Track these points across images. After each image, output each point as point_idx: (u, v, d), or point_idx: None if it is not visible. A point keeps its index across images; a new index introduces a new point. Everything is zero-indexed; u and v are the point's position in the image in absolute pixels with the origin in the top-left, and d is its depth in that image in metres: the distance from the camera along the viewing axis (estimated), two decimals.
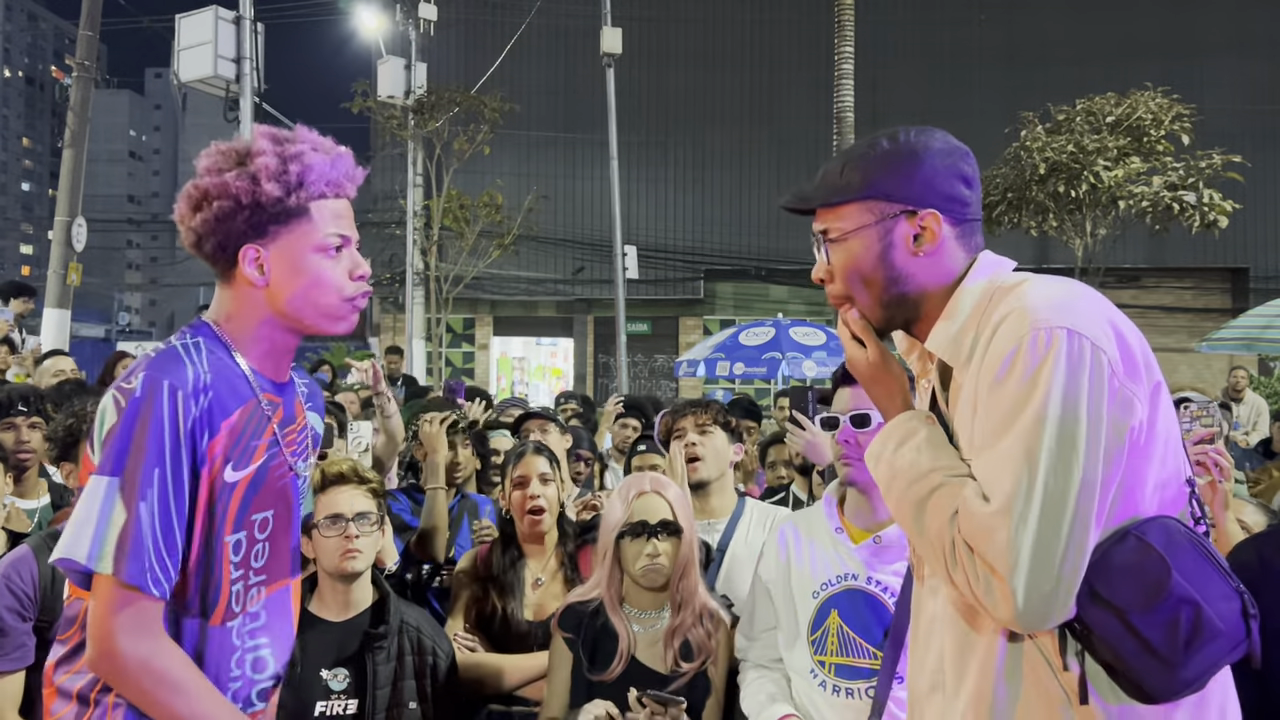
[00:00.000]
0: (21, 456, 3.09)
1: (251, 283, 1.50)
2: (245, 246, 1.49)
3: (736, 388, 16.26)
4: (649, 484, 2.40)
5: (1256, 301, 12.45)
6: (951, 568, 1.27)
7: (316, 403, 1.74)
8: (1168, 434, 1.30)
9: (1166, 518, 1.27)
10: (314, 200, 1.50)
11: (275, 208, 1.47)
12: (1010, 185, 12.35)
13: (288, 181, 1.47)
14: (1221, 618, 1.21)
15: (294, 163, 1.48)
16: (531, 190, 16.71)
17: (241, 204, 1.46)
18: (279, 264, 1.50)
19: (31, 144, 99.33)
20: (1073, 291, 1.31)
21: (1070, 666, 1.26)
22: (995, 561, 1.21)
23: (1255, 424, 8.81)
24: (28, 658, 2.24)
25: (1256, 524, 2.47)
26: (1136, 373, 1.26)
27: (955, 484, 1.30)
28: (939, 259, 1.39)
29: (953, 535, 1.27)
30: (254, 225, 1.48)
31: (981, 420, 1.29)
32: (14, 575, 2.25)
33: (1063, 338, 1.22)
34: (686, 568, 2.35)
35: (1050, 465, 1.20)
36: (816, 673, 2.16)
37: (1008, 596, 1.20)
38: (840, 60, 12.31)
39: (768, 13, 19.56)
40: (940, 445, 1.37)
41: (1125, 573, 1.22)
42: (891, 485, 1.39)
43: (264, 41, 12.38)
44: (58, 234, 11.76)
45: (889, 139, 1.42)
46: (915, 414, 1.43)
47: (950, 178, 1.39)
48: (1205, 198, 11.64)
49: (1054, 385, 1.21)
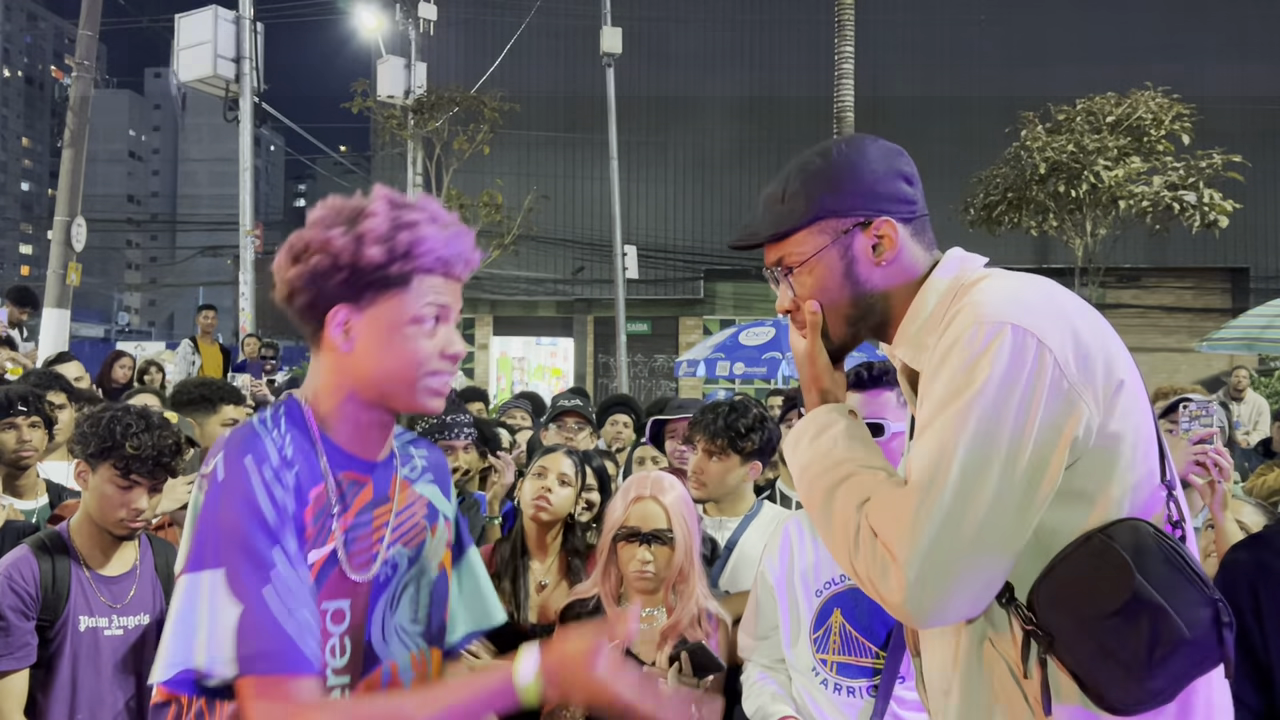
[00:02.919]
0: (23, 456, 3.09)
1: (336, 348, 1.39)
2: (335, 308, 1.38)
3: (736, 387, 16.26)
4: (648, 488, 2.39)
5: (1256, 301, 12.48)
6: (854, 555, 1.23)
7: (440, 477, 1.59)
8: (1135, 435, 1.24)
9: (1137, 520, 1.21)
10: (419, 274, 1.38)
11: (374, 274, 1.36)
12: (1010, 185, 12.36)
13: (394, 248, 1.35)
14: (1190, 626, 1.15)
15: (405, 231, 1.36)
16: (531, 190, 16.71)
17: (339, 264, 1.35)
18: (367, 332, 1.38)
19: (31, 144, 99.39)
20: (1030, 287, 1.28)
21: (1032, 673, 1.22)
22: (894, 545, 1.18)
23: (1256, 424, 8.81)
24: (31, 656, 2.25)
25: (1255, 524, 2.46)
26: (1091, 372, 1.21)
27: (867, 474, 1.28)
28: (901, 263, 1.37)
29: (859, 521, 1.23)
30: (349, 288, 1.37)
31: (920, 410, 1.27)
32: (16, 575, 2.26)
33: (1007, 333, 1.19)
34: (682, 572, 2.35)
35: (968, 457, 1.17)
36: (819, 670, 2.17)
37: (900, 583, 1.17)
38: (840, 60, 12.32)
39: (768, 13, 19.56)
40: (858, 439, 1.35)
41: (1087, 576, 1.18)
42: (804, 474, 1.37)
43: (264, 41, 12.40)
44: (57, 234, 11.75)
45: (821, 156, 1.40)
46: (836, 407, 1.41)
47: (892, 179, 1.37)
48: (1205, 197, 11.65)
49: (989, 379, 1.18)
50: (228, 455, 1.32)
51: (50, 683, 2.27)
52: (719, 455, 2.73)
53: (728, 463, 2.74)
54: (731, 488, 2.81)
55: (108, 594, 2.35)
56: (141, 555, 2.45)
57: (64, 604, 2.28)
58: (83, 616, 2.30)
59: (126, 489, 2.29)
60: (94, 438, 2.30)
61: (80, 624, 2.30)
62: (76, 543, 2.36)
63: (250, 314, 12.01)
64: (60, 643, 2.27)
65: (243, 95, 11.91)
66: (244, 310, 12.01)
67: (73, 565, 2.33)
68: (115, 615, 2.35)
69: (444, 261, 1.39)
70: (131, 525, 2.33)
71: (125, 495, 2.29)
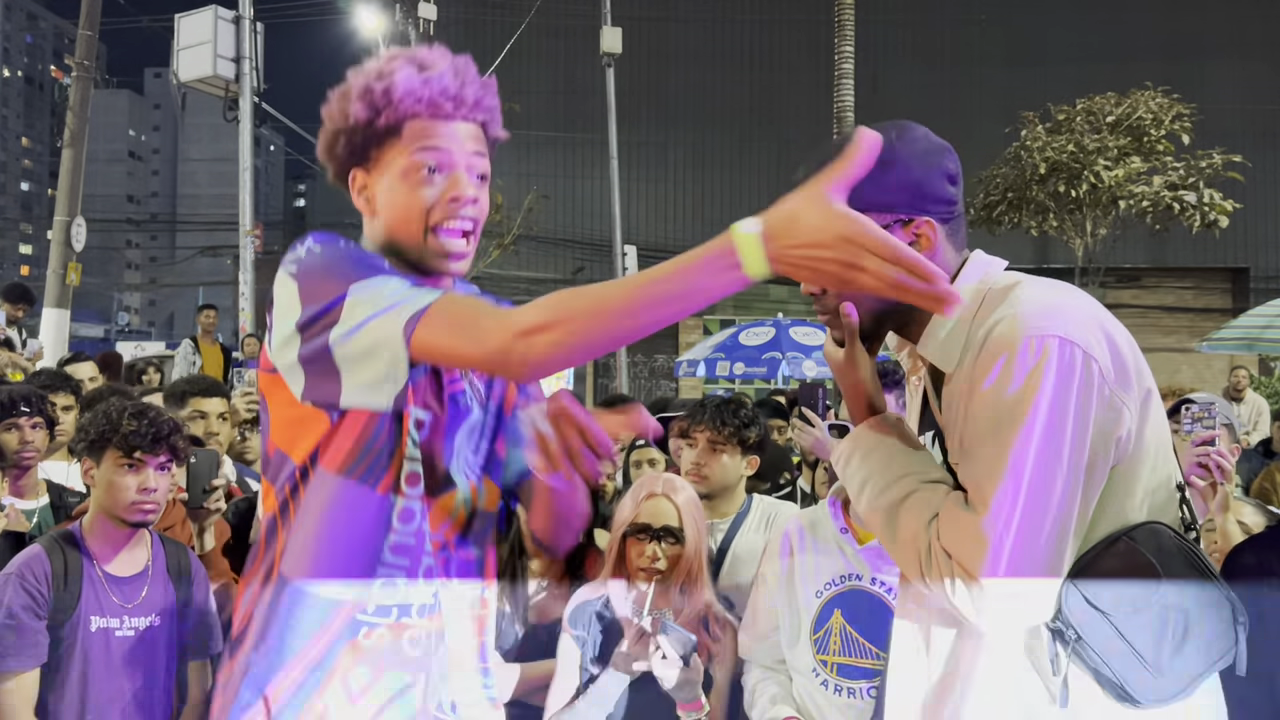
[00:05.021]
0: (25, 457, 3.09)
1: (363, 212, 1.40)
2: (352, 171, 1.39)
3: (737, 387, 16.26)
4: (660, 486, 2.39)
5: (1256, 301, 12.46)
6: (927, 572, 1.26)
7: None
8: (1158, 440, 1.29)
9: (1157, 523, 1.26)
10: (407, 119, 1.35)
11: (366, 130, 1.35)
12: (1010, 185, 12.38)
13: (374, 100, 1.34)
14: (1209, 624, 1.22)
15: (381, 80, 1.35)
16: (531, 190, 16.71)
17: (337, 128, 1.37)
18: (378, 190, 1.38)
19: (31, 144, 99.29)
20: (1065, 297, 1.30)
21: (1056, 670, 1.26)
22: (972, 566, 1.20)
23: (1256, 424, 8.82)
24: (42, 656, 2.25)
25: (1256, 524, 2.46)
26: (1128, 380, 1.25)
27: (929, 489, 1.30)
28: (935, 262, 1.34)
29: (929, 540, 1.25)
30: (353, 149, 1.37)
31: (970, 425, 1.27)
32: (28, 574, 2.26)
33: (1054, 346, 1.21)
34: (691, 572, 2.35)
35: (1035, 476, 1.19)
36: (819, 671, 2.17)
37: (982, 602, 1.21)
38: (840, 60, 12.32)
39: (768, 13, 19.56)
40: (910, 451, 1.36)
41: (1115, 578, 1.23)
42: (863, 490, 1.38)
43: (263, 41, 12.38)
44: (57, 234, 11.76)
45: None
46: (884, 418, 1.42)
47: (938, 179, 1.36)
48: (1205, 197, 11.67)
49: (1042, 394, 1.20)
50: (311, 237, 1.32)
51: (60, 683, 2.27)
52: (723, 446, 2.71)
53: (731, 454, 2.73)
54: (732, 482, 2.79)
55: (120, 594, 2.35)
56: (153, 555, 2.45)
57: (75, 603, 2.28)
58: (94, 617, 2.30)
59: (133, 468, 2.29)
60: (92, 429, 2.32)
61: (92, 624, 2.30)
62: (88, 541, 2.36)
63: (250, 314, 12.00)
64: (71, 643, 2.27)
65: (243, 95, 11.90)
66: (244, 310, 11.99)
67: (85, 564, 2.32)
68: (127, 616, 2.35)
69: (427, 102, 1.35)
70: (144, 508, 2.32)
71: (134, 476, 2.29)
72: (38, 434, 3.14)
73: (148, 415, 2.32)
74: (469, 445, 1.45)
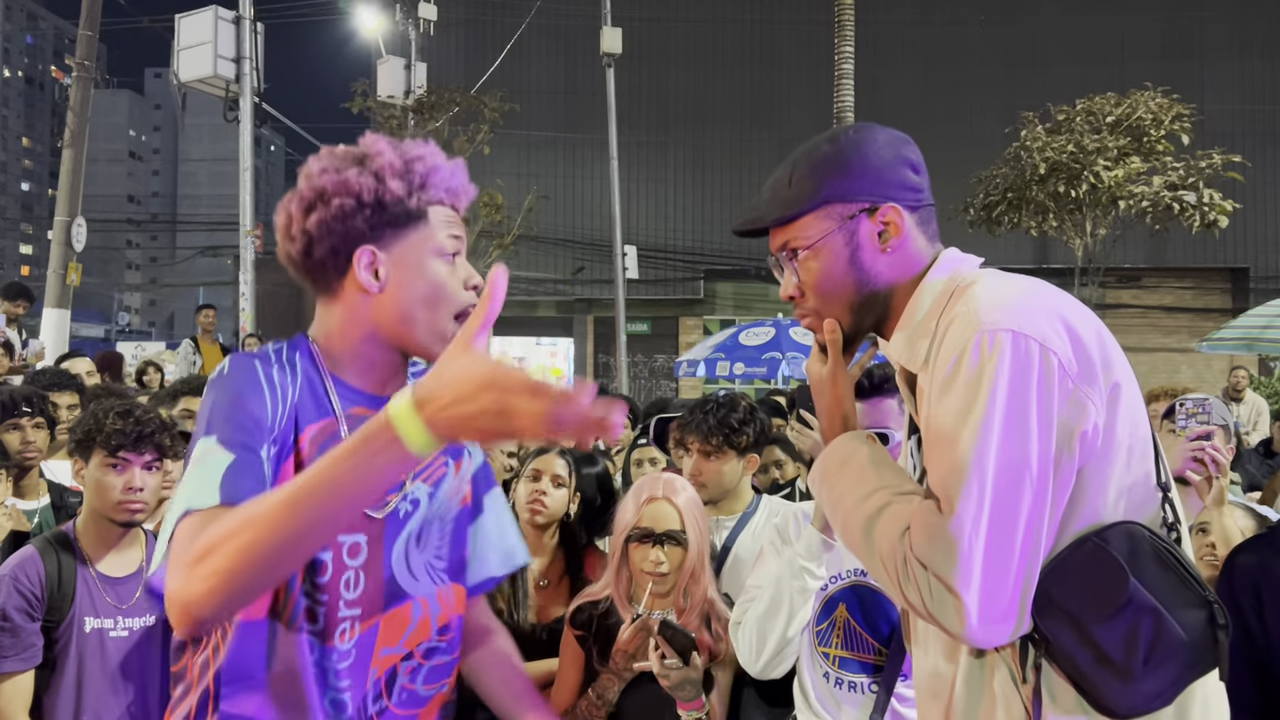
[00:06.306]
0: (26, 457, 3.10)
1: (364, 289, 1.38)
2: (361, 249, 1.37)
3: (736, 388, 16.27)
4: (661, 489, 2.37)
5: (1256, 301, 12.46)
6: (904, 585, 1.21)
7: None
8: (1132, 436, 1.24)
9: (1131, 523, 1.21)
10: (433, 205, 1.40)
11: (397, 208, 1.37)
12: (1010, 185, 12.36)
13: (411, 181, 1.38)
14: (1185, 629, 1.16)
15: (418, 163, 1.40)
16: (531, 190, 16.71)
17: (363, 202, 1.36)
18: (395, 269, 1.38)
19: (31, 144, 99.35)
20: (1024, 290, 1.26)
21: (1029, 677, 1.22)
22: (948, 576, 1.16)
23: (1255, 424, 8.82)
24: (37, 657, 2.24)
25: (1246, 529, 2.41)
26: (1093, 374, 1.21)
27: (903, 502, 1.26)
28: (906, 252, 1.35)
29: (904, 552, 1.21)
30: (373, 226, 1.37)
31: (930, 427, 1.25)
32: (21, 575, 2.26)
33: (1007, 340, 1.18)
34: (694, 573, 2.34)
35: (999, 476, 1.16)
36: (820, 664, 2.17)
37: (962, 611, 1.15)
38: (840, 60, 12.32)
39: (768, 13, 19.57)
40: (883, 464, 1.33)
41: (1082, 580, 1.17)
42: (837, 507, 1.35)
43: (264, 41, 12.39)
44: (57, 234, 11.77)
45: (829, 141, 1.38)
46: (856, 434, 1.40)
47: (899, 166, 1.36)
48: (1205, 197, 11.66)
49: (998, 389, 1.17)
50: (234, 359, 1.34)
51: (55, 684, 2.26)
52: (715, 454, 2.67)
53: (725, 461, 2.69)
54: (731, 485, 2.76)
55: (114, 595, 2.34)
56: (147, 556, 2.44)
57: (69, 605, 2.28)
58: (88, 618, 2.30)
59: (118, 468, 2.28)
60: (80, 429, 2.33)
61: (86, 625, 2.29)
62: (82, 542, 2.36)
63: (250, 314, 12.01)
64: (65, 644, 2.27)
65: (243, 95, 11.91)
66: (244, 310, 12.01)
67: (79, 565, 2.32)
68: (121, 617, 2.34)
69: (453, 192, 1.43)
70: (131, 507, 2.31)
71: (119, 475, 2.29)
72: (40, 434, 3.15)
73: (133, 414, 2.32)
74: (433, 549, 1.48)
